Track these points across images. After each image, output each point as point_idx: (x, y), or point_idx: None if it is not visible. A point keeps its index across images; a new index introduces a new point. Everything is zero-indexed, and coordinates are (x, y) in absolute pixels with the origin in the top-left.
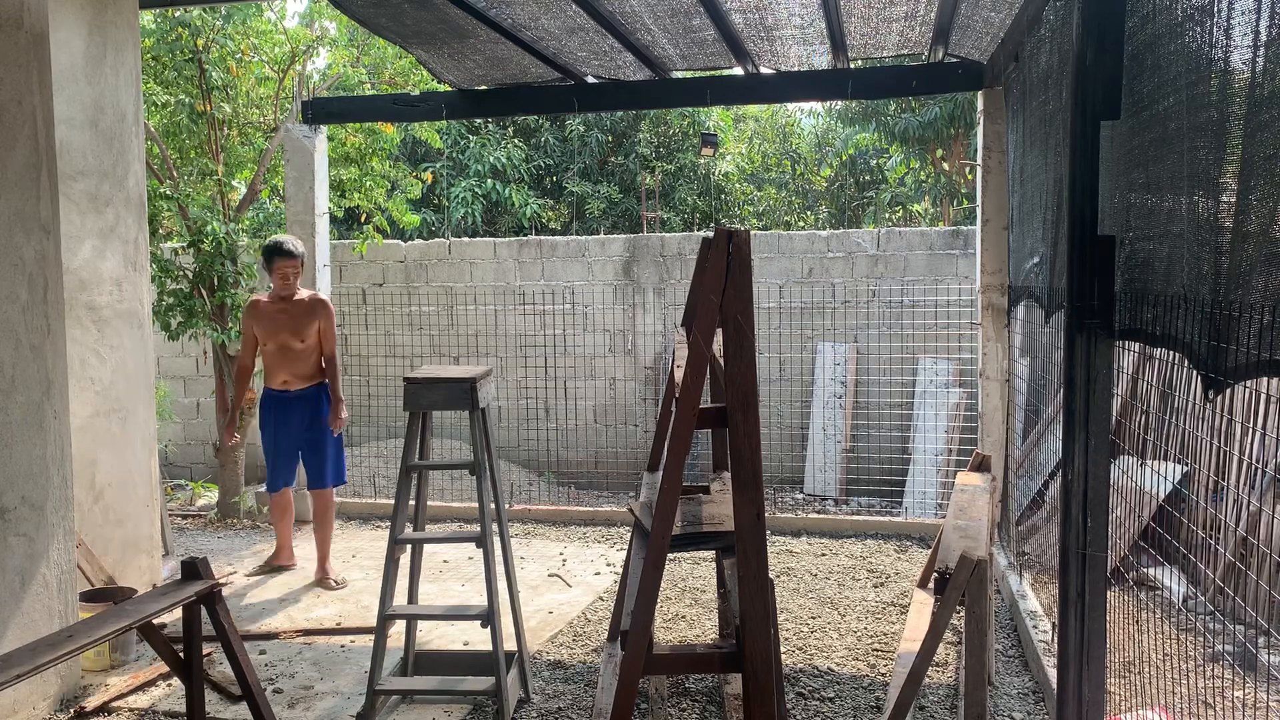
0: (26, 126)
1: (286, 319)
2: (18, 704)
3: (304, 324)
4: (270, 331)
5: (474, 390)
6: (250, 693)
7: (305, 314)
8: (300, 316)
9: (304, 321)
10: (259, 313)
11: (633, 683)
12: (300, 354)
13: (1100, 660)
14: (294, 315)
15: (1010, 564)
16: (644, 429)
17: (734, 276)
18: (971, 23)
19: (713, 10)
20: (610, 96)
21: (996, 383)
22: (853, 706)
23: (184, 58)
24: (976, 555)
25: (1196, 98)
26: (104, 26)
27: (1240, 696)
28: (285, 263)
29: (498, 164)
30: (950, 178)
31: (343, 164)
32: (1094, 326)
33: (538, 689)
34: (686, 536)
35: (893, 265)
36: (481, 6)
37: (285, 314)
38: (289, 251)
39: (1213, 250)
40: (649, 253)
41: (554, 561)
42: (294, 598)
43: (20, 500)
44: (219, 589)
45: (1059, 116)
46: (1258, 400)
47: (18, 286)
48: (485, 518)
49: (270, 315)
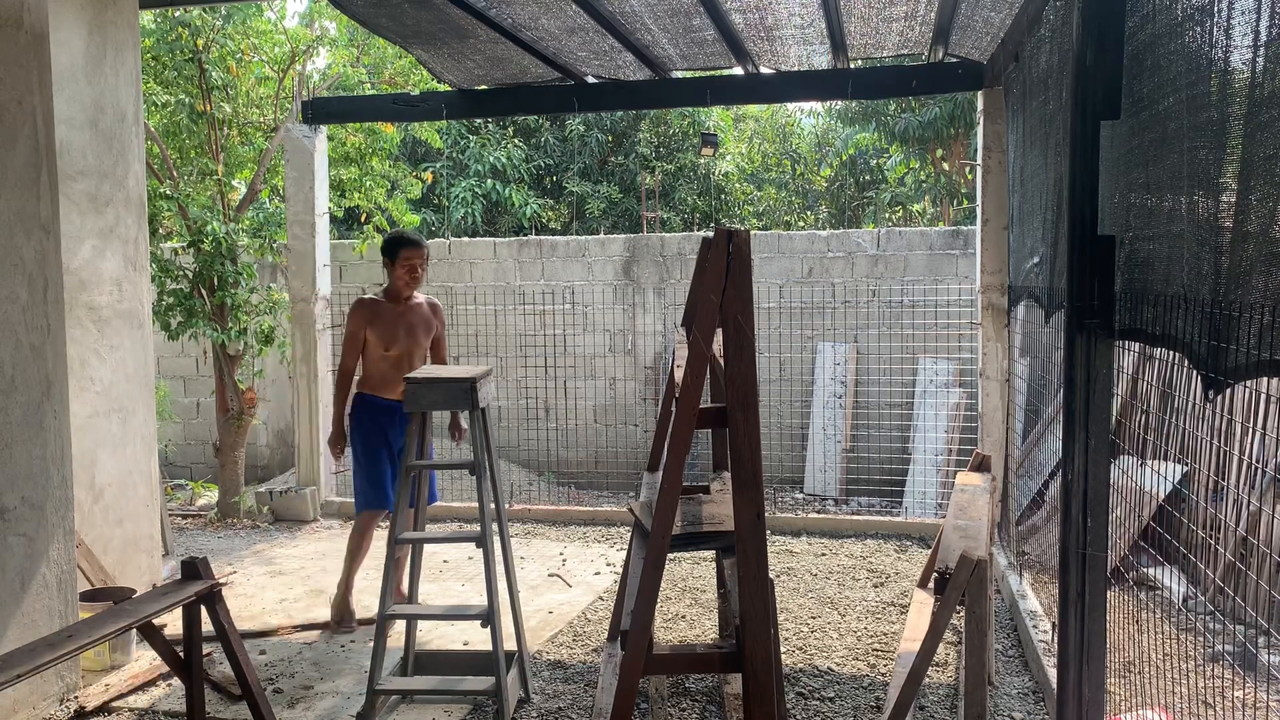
0: (26, 126)
1: (409, 322)
2: (18, 704)
3: (426, 329)
4: (392, 336)
5: (474, 390)
6: (250, 693)
7: (427, 318)
8: (422, 320)
9: (426, 326)
10: (377, 314)
11: (633, 683)
12: (420, 362)
13: (1100, 660)
14: (417, 319)
15: (1010, 564)
16: (644, 429)
17: (734, 276)
18: (971, 23)
19: (713, 10)
20: (610, 96)
21: (996, 383)
22: (853, 706)
23: (184, 58)
24: (976, 555)
25: (1196, 98)
26: (104, 26)
27: (1240, 696)
28: (413, 253)
29: (498, 164)
30: (950, 178)
31: (343, 164)
32: (1094, 326)
33: (538, 689)
34: (686, 536)
35: (893, 265)
36: (481, 6)
37: (407, 316)
38: (415, 241)
39: (1213, 250)
40: (649, 253)
41: (554, 561)
42: (294, 599)
43: (20, 500)
44: (219, 589)
45: (1059, 116)
46: (1258, 400)
47: (18, 286)
48: (485, 518)
49: (391, 318)
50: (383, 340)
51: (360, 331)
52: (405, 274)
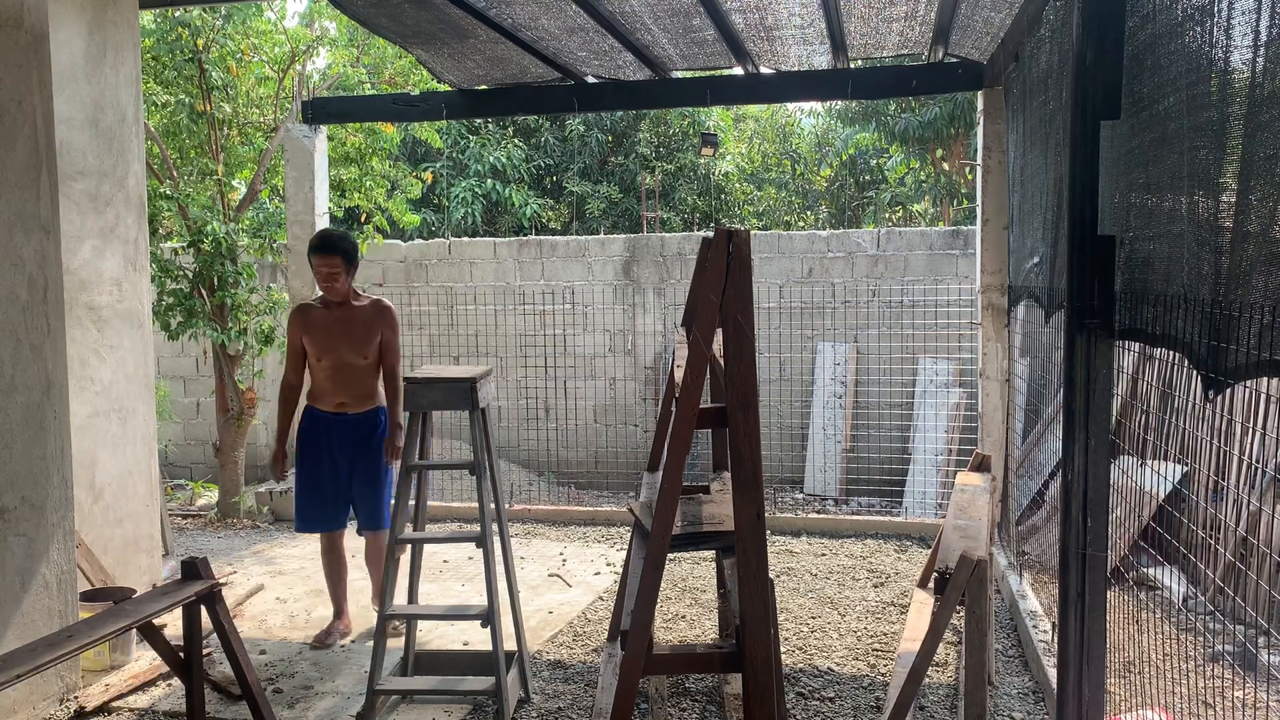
0: (26, 126)
1: (344, 329)
2: (18, 704)
3: (367, 334)
4: (323, 344)
5: (474, 390)
6: (250, 693)
7: (369, 322)
8: (363, 325)
9: (367, 331)
10: (309, 321)
11: (633, 683)
12: (362, 372)
13: (1100, 660)
14: (356, 324)
15: (1010, 564)
16: (644, 429)
17: (734, 276)
18: (971, 23)
19: (713, 10)
20: (610, 96)
21: (996, 383)
22: (853, 706)
23: (184, 58)
24: (976, 555)
25: (1196, 97)
26: (104, 26)
27: (1240, 696)
28: (321, 260)
29: (498, 164)
30: (950, 178)
31: (343, 164)
32: (1094, 326)
33: (538, 689)
34: (686, 536)
35: (893, 265)
36: (481, 6)
37: (342, 322)
38: (324, 246)
39: (1213, 250)
40: (649, 253)
41: (554, 561)
42: (294, 598)
43: (20, 500)
44: (219, 589)
45: (1059, 116)
46: (1258, 400)
47: (18, 286)
48: (485, 518)
49: (324, 324)
50: (315, 348)
51: (297, 340)
52: (321, 280)
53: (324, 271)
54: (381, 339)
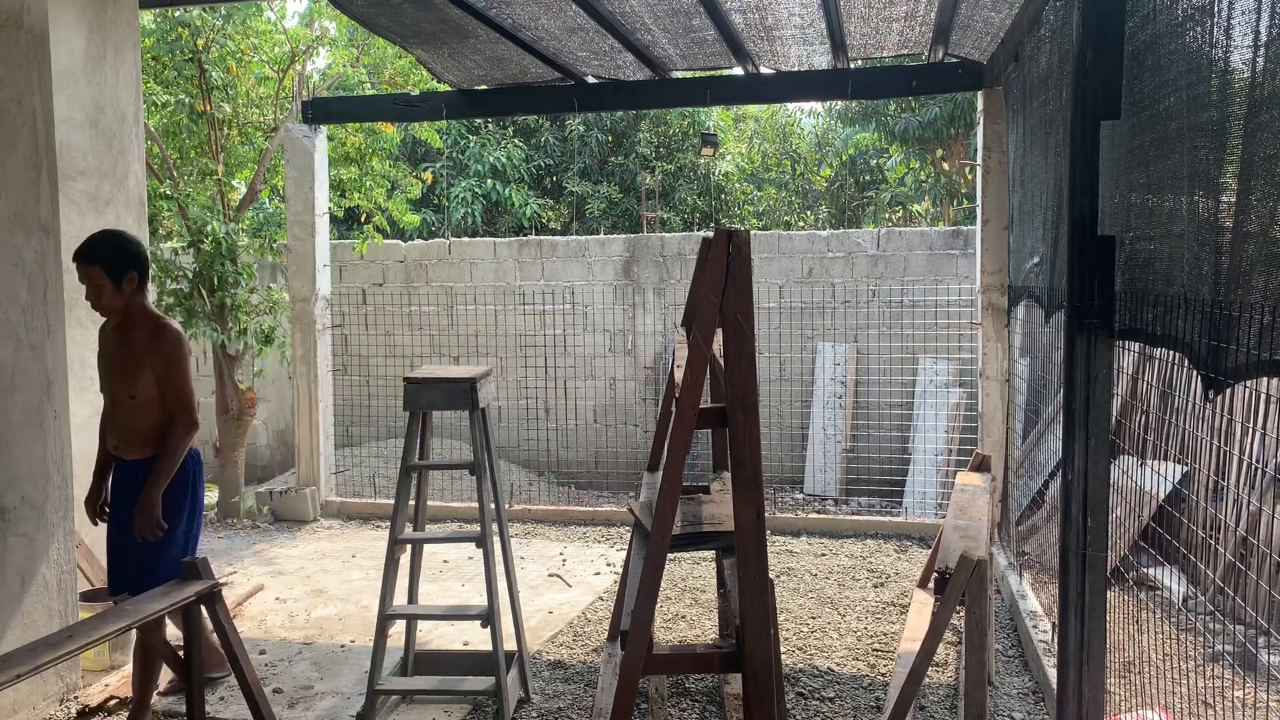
0: (26, 126)
1: (114, 358)
2: (18, 704)
3: (133, 365)
4: (100, 372)
5: (474, 390)
6: (250, 693)
7: (136, 353)
8: (130, 355)
9: (134, 362)
10: (101, 341)
11: (633, 683)
12: (128, 411)
13: (1100, 660)
14: (125, 352)
15: (1010, 564)
16: (644, 429)
17: (734, 276)
18: (971, 23)
19: (713, 10)
20: (610, 96)
21: (996, 383)
22: (853, 706)
23: (184, 58)
24: (976, 555)
25: (1197, 98)
26: (104, 26)
27: (1240, 696)
28: (79, 270)
29: (498, 164)
30: (950, 178)
31: (343, 164)
32: (1094, 326)
33: (538, 689)
34: (686, 536)
35: (893, 265)
36: (481, 6)
37: (116, 349)
38: (78, 252)
39: (1213, 250)
40: (649, 253)
41: (554, 561)
42: (294, 599)
43: (20, 500)
44: (219, 589)
45: (1059, 116)
46: (1258, 400)
47: (18, 287)
48: (485, 518)
49: (105, 349)
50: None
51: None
52: (88, 292)
53: (85, 285)
54: (153, 373)
